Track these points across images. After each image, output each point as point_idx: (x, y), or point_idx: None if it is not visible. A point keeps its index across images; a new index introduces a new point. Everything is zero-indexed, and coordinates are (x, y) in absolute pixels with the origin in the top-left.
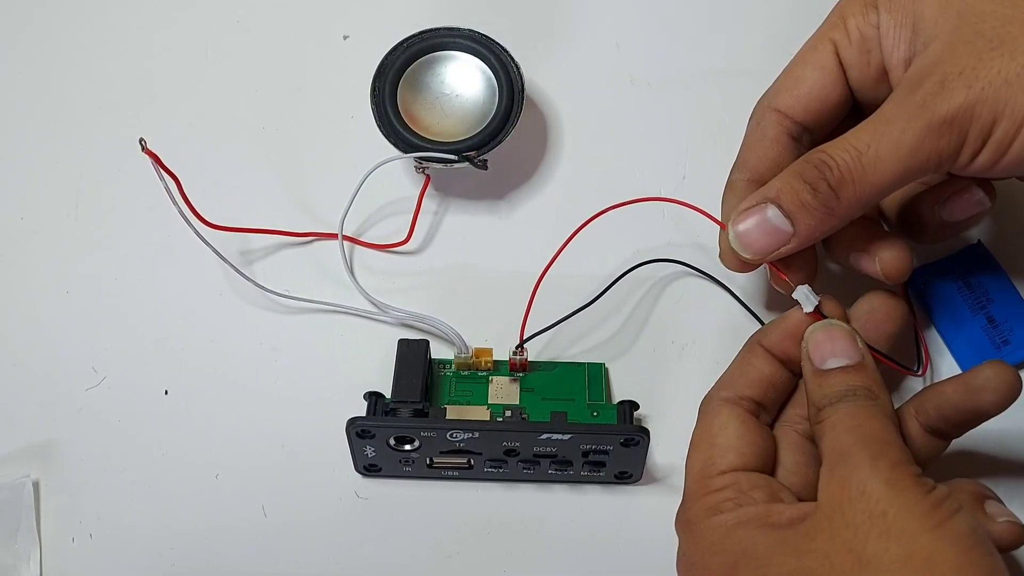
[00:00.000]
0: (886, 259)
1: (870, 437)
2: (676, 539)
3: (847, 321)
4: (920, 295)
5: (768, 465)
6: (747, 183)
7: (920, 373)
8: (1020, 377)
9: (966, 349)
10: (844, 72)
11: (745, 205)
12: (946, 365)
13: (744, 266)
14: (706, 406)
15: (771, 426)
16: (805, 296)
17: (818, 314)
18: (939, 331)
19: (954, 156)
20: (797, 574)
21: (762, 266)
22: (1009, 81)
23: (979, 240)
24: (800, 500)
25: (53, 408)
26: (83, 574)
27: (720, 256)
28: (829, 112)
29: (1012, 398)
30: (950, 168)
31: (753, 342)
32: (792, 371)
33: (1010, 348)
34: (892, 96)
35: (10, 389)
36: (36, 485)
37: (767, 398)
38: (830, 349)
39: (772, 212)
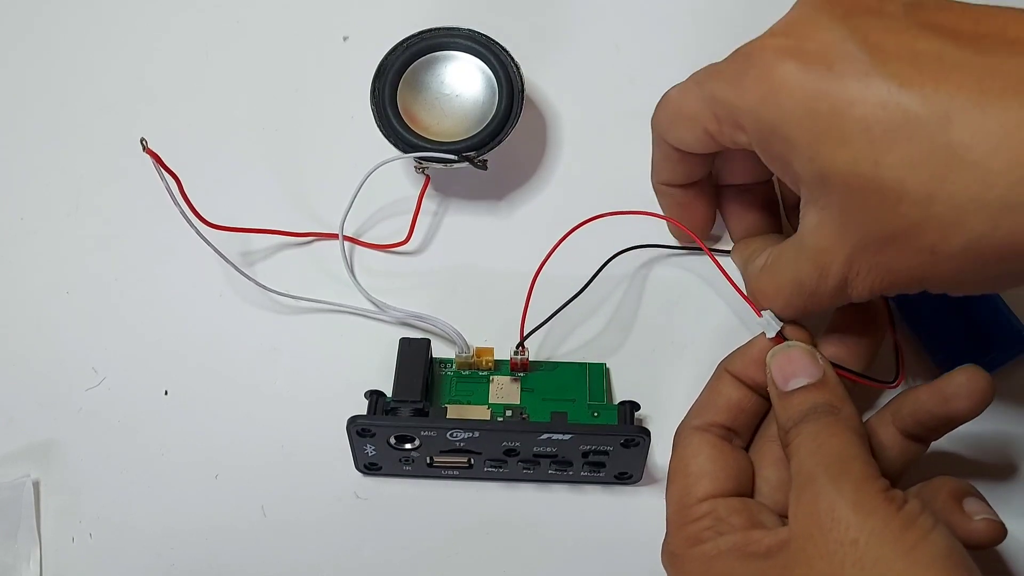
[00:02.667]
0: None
1: (832, 456)
2: None
3: (812, 343)
4: (899, 304)
5: (745, 488)
6: (669, 188)
7: (895, 385)
8: (992, 382)
9: (948, 356)
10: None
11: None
12: (931, 376)
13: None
14: (678, 436)
15: (747, 449)
16: (768, 323)
17: (781, 338)
18: (921, 341)
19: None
20: None
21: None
22: (898, 284)
23: None
24: (785, 517)
25: (53, 408)
26: (83, 574)
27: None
28: (714, 150)
29: (985, 403)
30: None
31: (720, 369)
32: (761, 395)
33: (993, 352)
34: (807, 267)
35: (10, 389)
36: (36, 485)
37: (738, 423)
38: (791, 370)
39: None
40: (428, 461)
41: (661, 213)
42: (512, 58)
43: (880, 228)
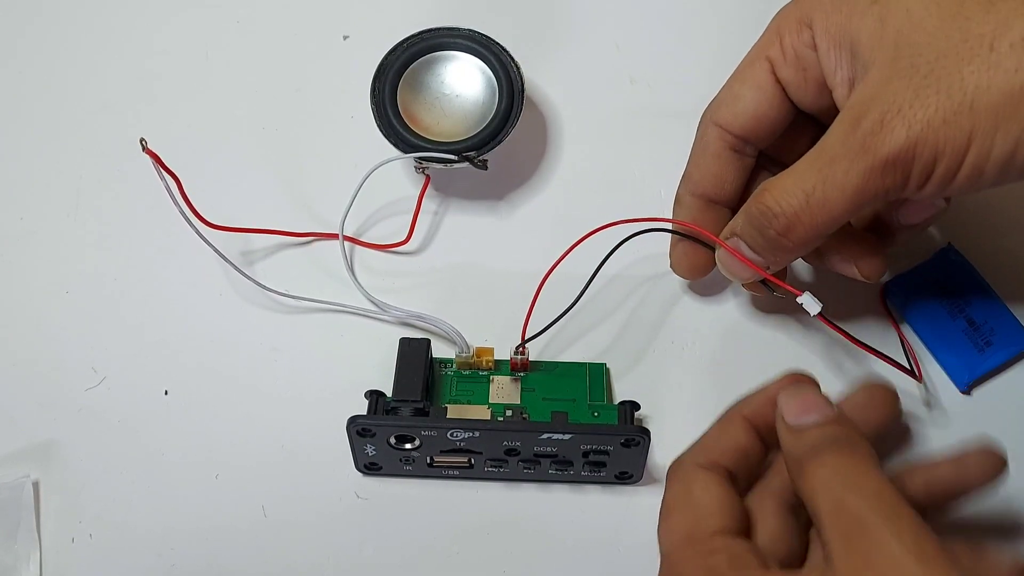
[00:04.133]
0: (861, 261)
1: (876, 497)
2: None
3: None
4: (898, 305)
5: (745, 535)
6: (691, 197)
7: (919, 378)
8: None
9: (950, 355)
10: (782, 88)
11: (723, 236)
12: (933, 373)
13: (693, 274)
14: (679, 471)
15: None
16: (808, 301)
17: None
18: (921, 339)
19: (900, 190)
20: None
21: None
22: (947, 120)
23: (949, 243)
24: (786, 568)
25: (53, 408)
26: (83, 574)
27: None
28: (769, 126)
29: (997, 477)
30: (898, 197)
31: (733, 412)
32: (767, 444)
33: (993, 349)
34: (835, 129)
35: (10, 389)
36: (36, 485)
37: (740, 468)
38: (804, 408)
39: (743, 246)
40: (428, 461)
41: (671, 219)
42: (512, 58)
43: (939, 43)
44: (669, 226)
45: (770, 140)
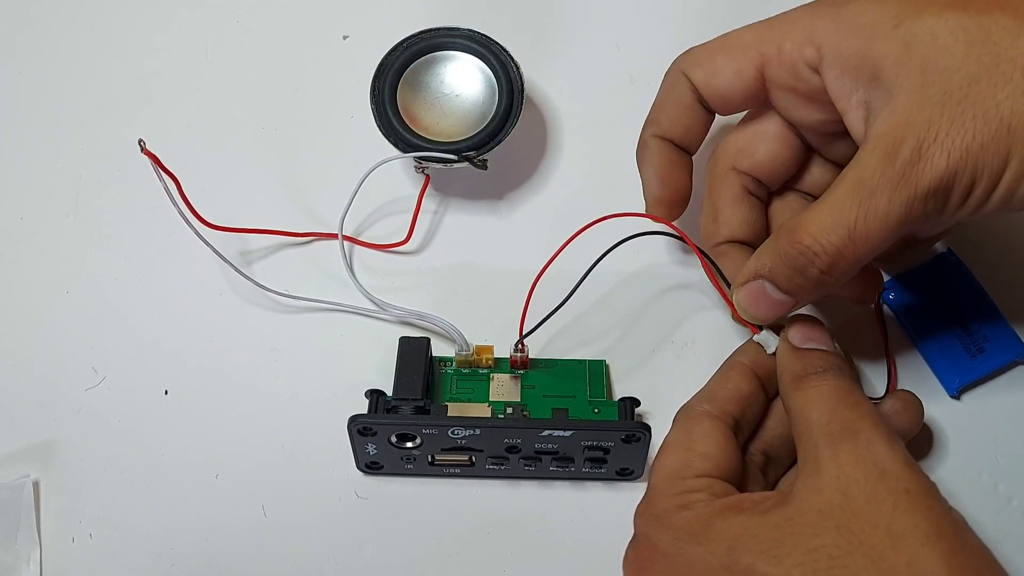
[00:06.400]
0: (855, 283)
1: (870, 415)
2: None
3: None
4: (893, 307)
5: (738, 485)
6: (661, 141)
7: (888, 391)
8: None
9: (942, 359)
10: (764, 81)
11: (743, 278)
12: (923, 377)
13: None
14: (685, 415)
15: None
16: (766, 339)
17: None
18: (914, 343)
19: (938, 215)
20: (820, 552)
21: None
22: (985, 146)
23: (949, 248)
24: None
25: (53, 408)
26: (83, 574)
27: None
28: (738, 102)
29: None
30: (935, 221)
31: (733, 360)
32: (767, 393)
33: (985, 356)
34: (869, 159)
35: (10, 389)
36: (36, 485)
37: (745, 417)
38: (811, 335)
39: (769, 287)
40: (429, 460)
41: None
42: (512, 58)
43: (970, 68)
44: (671, 231)
45: (732, 112)
